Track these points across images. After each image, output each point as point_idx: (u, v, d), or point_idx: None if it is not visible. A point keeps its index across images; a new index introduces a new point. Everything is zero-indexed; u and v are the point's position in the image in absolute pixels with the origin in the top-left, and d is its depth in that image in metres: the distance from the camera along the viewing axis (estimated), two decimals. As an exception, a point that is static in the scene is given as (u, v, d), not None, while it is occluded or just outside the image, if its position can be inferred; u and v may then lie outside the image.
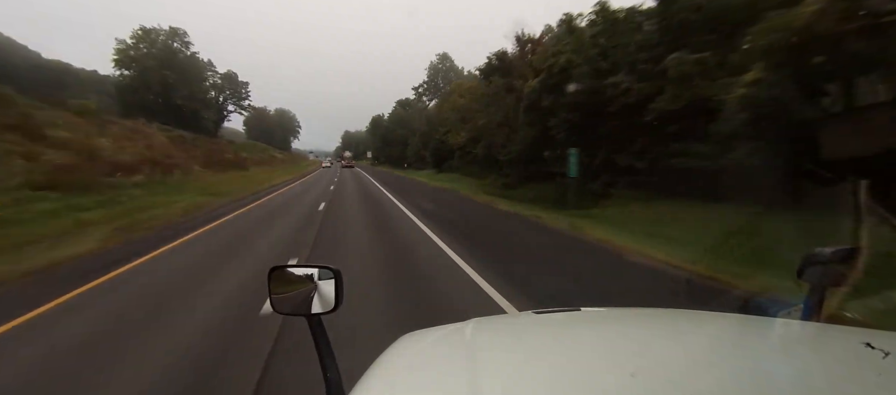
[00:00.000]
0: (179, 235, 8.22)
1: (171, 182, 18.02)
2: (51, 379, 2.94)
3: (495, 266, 5.61)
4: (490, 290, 4.65)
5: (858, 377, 0.60)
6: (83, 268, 5.71)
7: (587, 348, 0.84)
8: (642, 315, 1.11)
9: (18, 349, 3.41)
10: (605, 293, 4.89)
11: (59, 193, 10.89)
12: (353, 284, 4.15)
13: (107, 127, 21.21)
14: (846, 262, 0.97)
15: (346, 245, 7.63)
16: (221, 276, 5.35)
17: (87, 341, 3.54)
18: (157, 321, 3.89)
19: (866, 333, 0.70)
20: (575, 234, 8.63)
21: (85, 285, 4.93)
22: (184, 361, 3.11)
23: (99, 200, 11.52)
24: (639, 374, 0.60)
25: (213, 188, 17.85)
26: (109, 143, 18.08)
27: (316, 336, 1.01)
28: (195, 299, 4.48)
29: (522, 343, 0.91)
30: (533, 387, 0.63)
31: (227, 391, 2.77)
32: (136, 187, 14.54)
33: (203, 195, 15.49)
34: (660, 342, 0.84)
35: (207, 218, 10.74)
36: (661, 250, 6.41)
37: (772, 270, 4.17)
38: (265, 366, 2.97)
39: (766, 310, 1.13)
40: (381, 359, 0.88)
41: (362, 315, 3.78)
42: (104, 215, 9.81)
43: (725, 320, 0.98)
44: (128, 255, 6.38)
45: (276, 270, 1.10)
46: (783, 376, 0.64)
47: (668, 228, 8.70)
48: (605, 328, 1.01)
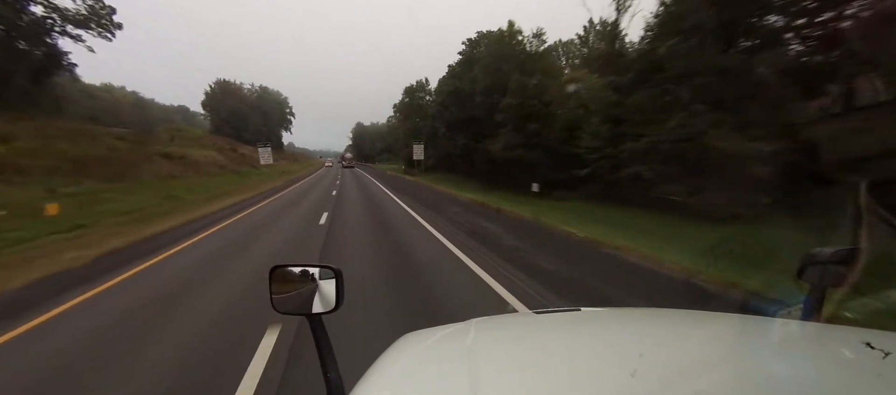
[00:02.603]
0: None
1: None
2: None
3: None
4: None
5: (858, 377, 0.60)
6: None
7: (587, 348, 0.84)
8: (642, 315, 1.11)
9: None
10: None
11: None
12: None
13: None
14: (846, 262, 0.97)
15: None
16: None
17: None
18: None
19: (866, 333, 0.70)
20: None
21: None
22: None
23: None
24: (639, 374, 0.61)
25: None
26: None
27: (317, 336, 1.01)
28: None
29: (522, 343, 0.91)
30: (533, 387, 0.63)
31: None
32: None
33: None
34: (660, 342, 0.84)
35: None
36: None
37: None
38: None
39: (766, 310, 1.13)
40: (381, 359, 0.88)
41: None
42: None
43: (725, 321, 0.98)
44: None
45: (277, 269, 1.10)
46: (783, 376, 0.64)
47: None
48: (605, 328, 1.01)
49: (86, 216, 9.96)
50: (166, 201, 14.26)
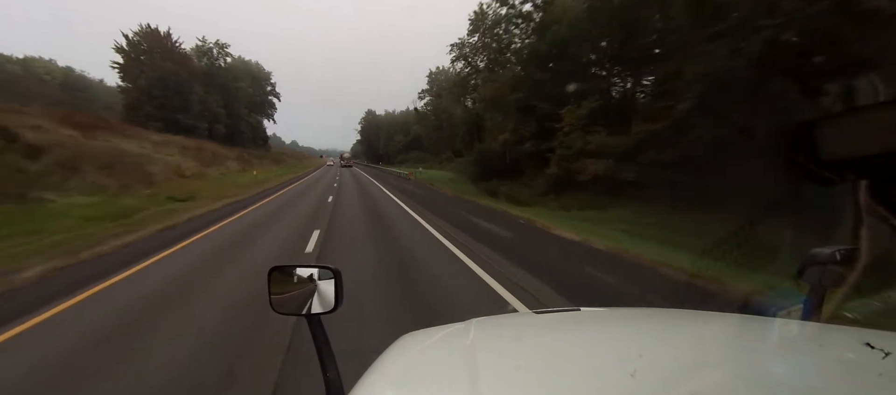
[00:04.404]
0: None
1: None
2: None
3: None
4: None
5: (858, 377, 0.60)
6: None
7: (587, 348, 0.84)
8: (642, 315, 1.11)
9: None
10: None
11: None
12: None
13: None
14: (846, 262, 0.96)
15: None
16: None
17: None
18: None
19: (866, 333, 0.70)
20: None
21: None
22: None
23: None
24: (639, 374, 0.60)
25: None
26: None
27: (315, 336, 1.01)
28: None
29: (522, 343, 0.90)
30: (533, 387, 0.63)
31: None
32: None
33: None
34: (660, 342, 0.84)
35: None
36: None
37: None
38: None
39: (766, 310, 1.13)
40: (381, 359, 0.88)
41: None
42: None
43: (725, 320, 0.98)
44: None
45: (275, 270, 1.10)
46: (783, 376, 0.64)
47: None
48: (605, 328, 1.01)
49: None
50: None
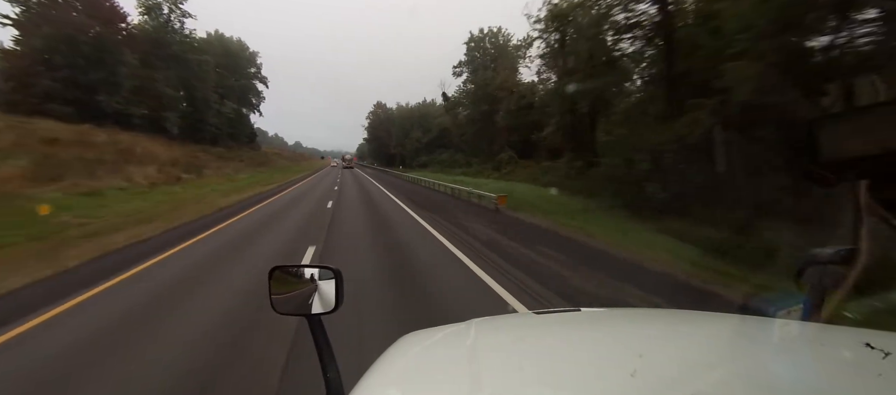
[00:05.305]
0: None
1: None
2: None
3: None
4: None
5: (858, 377, 0.60)
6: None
7: (587, 348, 0.84)
8: (642, 315, 1.11)
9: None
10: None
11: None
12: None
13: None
14: (846, 262, 0.96)
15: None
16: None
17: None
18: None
19: (866, 333, 0.70)
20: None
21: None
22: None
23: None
24: (639, 374, 0.60)
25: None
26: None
27: (316, 336, 1.01)
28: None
29: (523, 344, 0.91)
30: (533, 387, 0.63)
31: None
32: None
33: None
34: (660, 342, 0.84)
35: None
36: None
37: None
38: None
39: (765, 310, 1.13)
40: (381, 359, 0.88)
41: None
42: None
43: (725, 321, 0.98)
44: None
45: (276, 270, 1.10)
46: (783, 376, 0.64)
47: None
48: (605, 328, 1.01)
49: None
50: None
